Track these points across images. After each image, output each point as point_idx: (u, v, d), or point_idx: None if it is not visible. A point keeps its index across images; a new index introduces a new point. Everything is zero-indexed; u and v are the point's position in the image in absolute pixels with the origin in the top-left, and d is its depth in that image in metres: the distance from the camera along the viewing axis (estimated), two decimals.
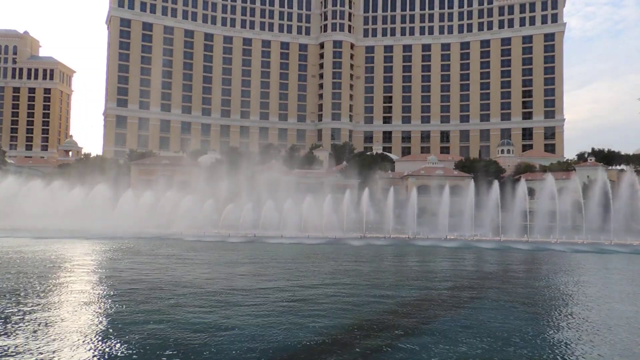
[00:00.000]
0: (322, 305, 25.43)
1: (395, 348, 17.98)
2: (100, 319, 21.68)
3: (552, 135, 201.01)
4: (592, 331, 20.88)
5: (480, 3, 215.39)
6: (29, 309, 22.72)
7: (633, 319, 23.34)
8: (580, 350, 18.03)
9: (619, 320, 22.93)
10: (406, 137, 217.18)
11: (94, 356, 16.45)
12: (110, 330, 19.68)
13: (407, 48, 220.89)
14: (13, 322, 20.12)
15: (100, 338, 18.57)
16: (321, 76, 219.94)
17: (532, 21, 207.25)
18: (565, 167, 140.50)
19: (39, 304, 23.76)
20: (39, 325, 19.80)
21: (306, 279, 34.98)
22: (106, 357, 16.45)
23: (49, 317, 21.29)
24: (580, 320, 22.98)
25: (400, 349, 17.90)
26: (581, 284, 35.61)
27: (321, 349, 17.76)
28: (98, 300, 25.63)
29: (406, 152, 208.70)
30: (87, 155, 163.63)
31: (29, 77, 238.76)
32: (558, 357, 17.24)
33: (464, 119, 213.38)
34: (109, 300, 25.67)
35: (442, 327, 21.21)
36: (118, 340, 18.28)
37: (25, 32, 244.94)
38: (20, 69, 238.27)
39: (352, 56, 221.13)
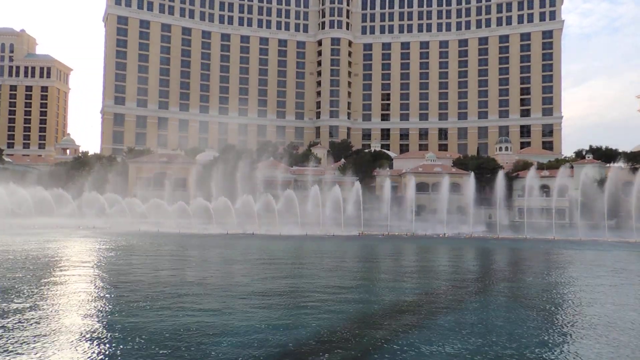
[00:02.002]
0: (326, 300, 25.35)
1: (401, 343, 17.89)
2: (102, 316, 21.55)
3: (550, 133, 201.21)
4: (590, 329, 20.83)
5: (478, 0, 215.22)
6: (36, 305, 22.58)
7: (629, 316, 23.31)
8: (578, 349, 17.98)
9: (619, 318, 22.88)
10: (404, 134, 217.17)
11: (90, 356, 16.34)
12: (115, 329, 19.56)
13: (405, 45, 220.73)
14: (14, 319, 19.98)
15: (102, 337, 18.45)
16: (319, 73, 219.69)
17: (530, 18, 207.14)
18: (564, 165, 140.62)
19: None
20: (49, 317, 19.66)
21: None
22: (103, 357, 16.34)
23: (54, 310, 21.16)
24: (576, 318, 22.95)
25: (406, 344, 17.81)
26: (577, 281, 35.61)
27: (317, 347, 17.68)
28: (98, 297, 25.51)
29: (404, 149, 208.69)
30: (85, 153, 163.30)
31: (26, 75, 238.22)
32: (555, 355, 17.18)
33: (462, 116, 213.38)
34: (113, 296, 25.55)
35: (439, 324, 21.15)
36: (119, 339, 18.16)
37: (22, 30, 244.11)
38: (17, 67, 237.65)
39: (350, 53, 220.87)
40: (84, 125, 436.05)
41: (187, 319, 21.25)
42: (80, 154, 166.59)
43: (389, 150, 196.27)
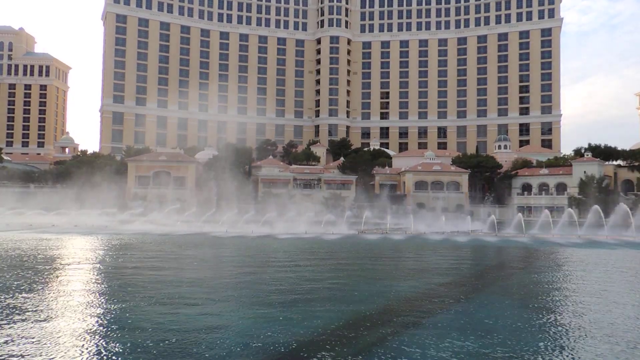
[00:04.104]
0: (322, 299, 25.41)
1: (394, 342, 17.96)
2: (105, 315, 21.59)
3: (548, 131, 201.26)
4: (589, 328, 20.90)
5: None
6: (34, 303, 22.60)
7: (631, 316, 23.39)
8: (578, 348, 18.06)
9: (616, 316, 22.97)
10: (403, 132, 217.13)
11: (85, 356, 16.39)
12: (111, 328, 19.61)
13: (404, 44, 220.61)
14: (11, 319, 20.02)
15: (97, 337, 18.50)
16: (318, 72, 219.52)
17: (529, 16, 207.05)
18: (562, 163, 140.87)
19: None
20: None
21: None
22: (99, 357, 16.38)
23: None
24: (575, 316, 23.02)
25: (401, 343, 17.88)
26: (577, 279, 35.71)
27: (317, 345, 17.74)
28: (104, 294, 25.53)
29: (403, 147, 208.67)
30: (84, 152, 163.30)
31: (24, 74, 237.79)
32: (555, 354, 17.27)
33: (461, 114, 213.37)
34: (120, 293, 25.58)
35: (438, 321, 21.22)
36: (113, 339, 18.21)
37: (21, 29, 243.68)
38: (16, 66, 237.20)
39: (349, 52, 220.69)
40: (83, 124, 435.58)
41: (186, 317, 21.31)
42: (79, 153, 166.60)
43: (388, 148, 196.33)
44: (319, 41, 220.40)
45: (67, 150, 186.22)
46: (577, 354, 16.91)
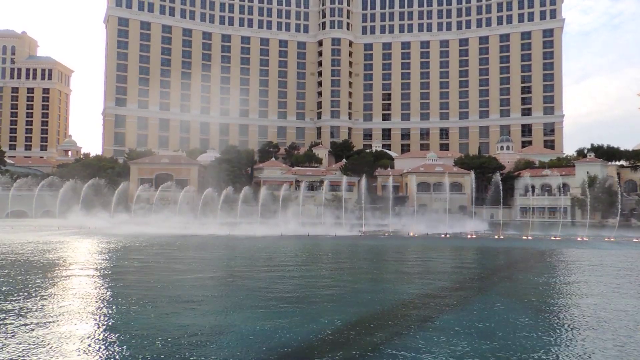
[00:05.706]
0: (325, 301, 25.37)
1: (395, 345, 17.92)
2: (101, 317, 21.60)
3: (551, 132, 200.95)
4: (591, 328, 20.84)
5: None
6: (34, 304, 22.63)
7: (632, 315, 23.30)
8: (580, 348, 18.00)
9: (618, 316, 22.90)
10: (405, 134, 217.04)
11: (90, 356, 16.39)
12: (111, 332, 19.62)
13: (405, 45, 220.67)
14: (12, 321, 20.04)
15: (99, 339, 18.51)
16: (320, 74, 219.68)
17: (531, 17, 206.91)
18: (565, 163, 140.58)
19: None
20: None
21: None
22: (104, 357, 16.39)
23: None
24: (579, 317, 22.95)
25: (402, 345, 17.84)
26: (579, 280, 35.60)
27: (319, 346, 17.72)
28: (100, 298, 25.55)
29: (405, 149, 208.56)
30: (87, 155, 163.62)
31: (27, 77, 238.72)
32: (557, 355, 17.21)
33: (463, 115, 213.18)
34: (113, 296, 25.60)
35: (442, 323, 21.17)
36: (114, 341, 18.22)
37: (23, 32, 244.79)
38: (19, 69, 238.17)
39: (350, 54, 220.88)
40: (86, 127, 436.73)
41: (187, 319, 21.30)
42: (82, 156, 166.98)
43: (390, 150, 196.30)
44: (320, 43, 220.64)
45: (69, 153, 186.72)
46: (578, 354, 16.85)
